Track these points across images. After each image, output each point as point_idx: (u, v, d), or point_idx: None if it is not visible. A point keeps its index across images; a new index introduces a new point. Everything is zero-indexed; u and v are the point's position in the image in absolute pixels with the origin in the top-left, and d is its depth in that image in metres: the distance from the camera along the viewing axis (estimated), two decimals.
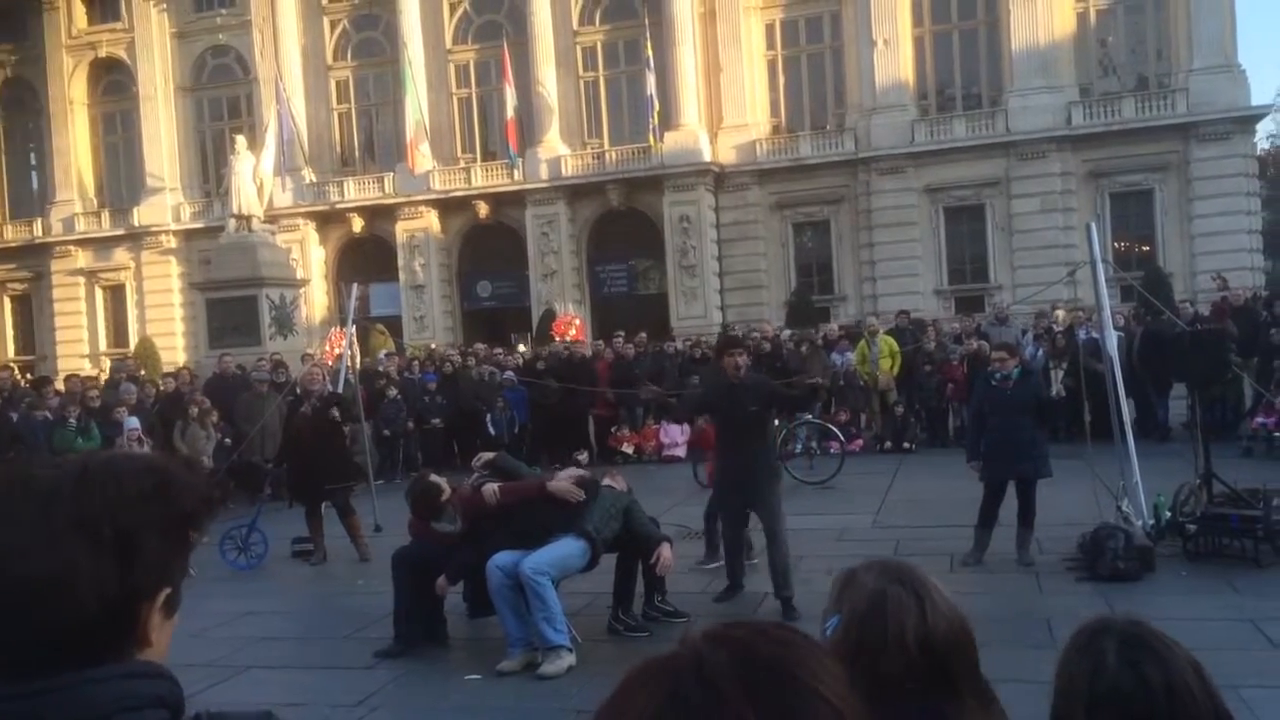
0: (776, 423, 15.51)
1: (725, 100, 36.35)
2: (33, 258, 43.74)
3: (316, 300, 38.30)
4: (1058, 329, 17.43)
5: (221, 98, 42.57)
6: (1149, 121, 32.87)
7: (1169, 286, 26.80)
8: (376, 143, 41.16)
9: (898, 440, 17.07)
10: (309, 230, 39.56)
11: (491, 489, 7.29)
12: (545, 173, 36.87)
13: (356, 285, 19.39)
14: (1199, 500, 9.08)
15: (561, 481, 7.37)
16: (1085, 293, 18.68)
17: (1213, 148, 32.39)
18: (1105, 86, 34.62)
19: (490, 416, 17.49)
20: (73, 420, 13.43)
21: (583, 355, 19.99)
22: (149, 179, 41.94)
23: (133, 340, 39.63)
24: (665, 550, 7.42)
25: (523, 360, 19.78)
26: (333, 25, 40.58)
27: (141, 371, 21.59)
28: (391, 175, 38.68)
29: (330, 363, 19.89)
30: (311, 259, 39.01)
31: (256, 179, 25.61)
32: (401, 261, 38.57)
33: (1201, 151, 32.46)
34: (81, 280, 43.19)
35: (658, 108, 34.99)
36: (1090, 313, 16.01)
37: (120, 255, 42.77)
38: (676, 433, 17.31)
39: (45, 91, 43.37)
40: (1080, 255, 25.30)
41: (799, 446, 15.17)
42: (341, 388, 13.39)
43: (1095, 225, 11.24)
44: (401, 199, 38.30)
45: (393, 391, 17.61)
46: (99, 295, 43.33)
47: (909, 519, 11.16)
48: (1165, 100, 33.12)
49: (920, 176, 34.55)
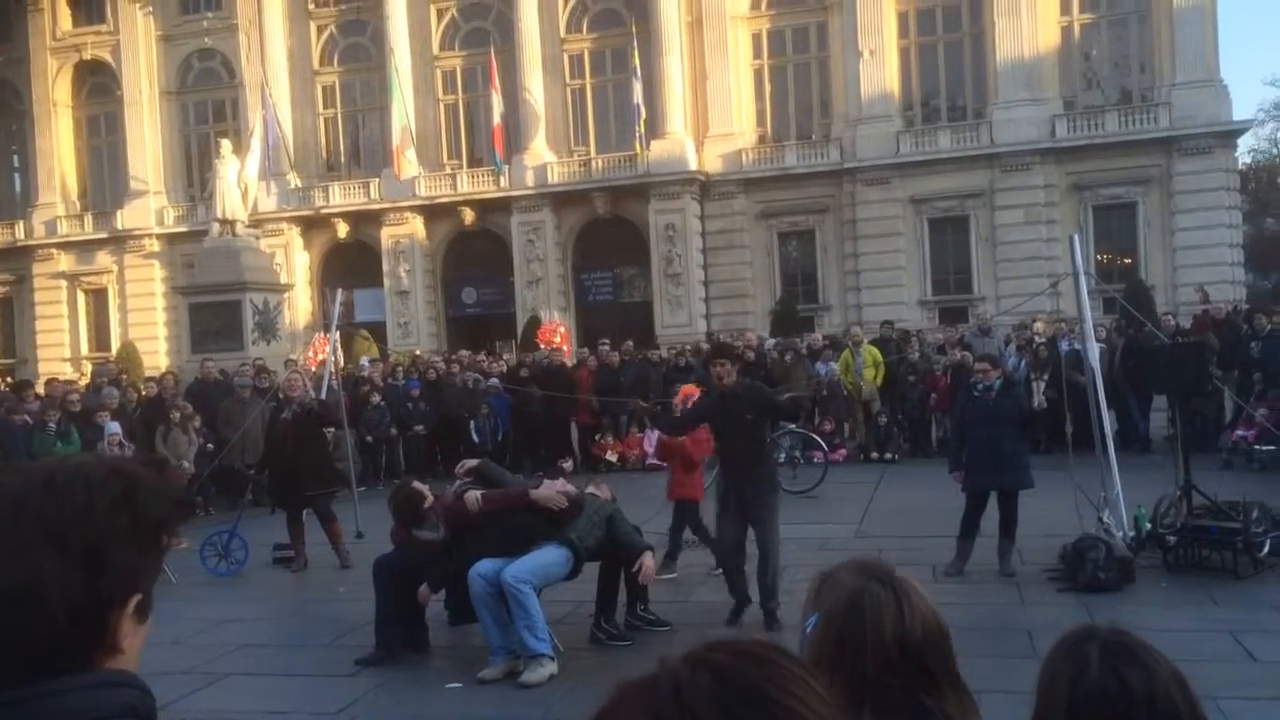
0: None
1: (711, 109, 36.44)
2: (14, 260, 43.44)
3: (300, 305, 38.15)
4: (1039, 340, 17.51)
5: (207, 101, 42.43)
6: (1132, 135, 33.12)
7: (1151, 299, 26.96)
8: (362, 148, 41.07)
9: (881, 450, 17.11)
10: (293, 235, 39.42)
11: (474, 496, 7.27)
12: (531, 180, 36.87)
13: (341, 291, 19.32)
14: (1179, 512, 9.13)
15: (545, 490, 7.35)
16: (1068, 304, 18.80)
17: (1194, 162, 32.65)
18: (1089, 100, 34.87)
19: (474, 424, 17.45)
20: (52, 425, 13.33)
21: (562, 362, 19.97)
22: (132, 182, 41.74)
23: (115, 344, 39.40)
24: (648, 559, 7.41)
25: (506, 367, 19.74)
26: (319, 30, 40.51)
27: (123, 376, 21.42)
28: (377, 181, 38.61)
29: (314, 369, 19.83)
30: (296, 264, 38.87)
31: (241, 183, 25.48)
32: (386, 267, 38.48)
33: (1183, 165, 32.72)
34: (63, 283, 42.92)
35: (644, 116, 35.05)
36: (1072, 324, 16.09)
37: (103, 259, 42.53)
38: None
39: (29, 93, 43.13)
40: (1063, 267, 25.43)
41: (783, 455, 15.15)
42: (325, 394, 13.34)
43: (1078, 237, 11.30)
44: (387, 205, 38.22)
45: (376, 398, 17.55)
46: (81, 299, 43.06)
47: (891, 529, 11.17)
48: (1148, 114, 33.38)
49: (905, 187, 34.70)
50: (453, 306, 39.53)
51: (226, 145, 25.90)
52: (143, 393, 17.09)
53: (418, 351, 27.98)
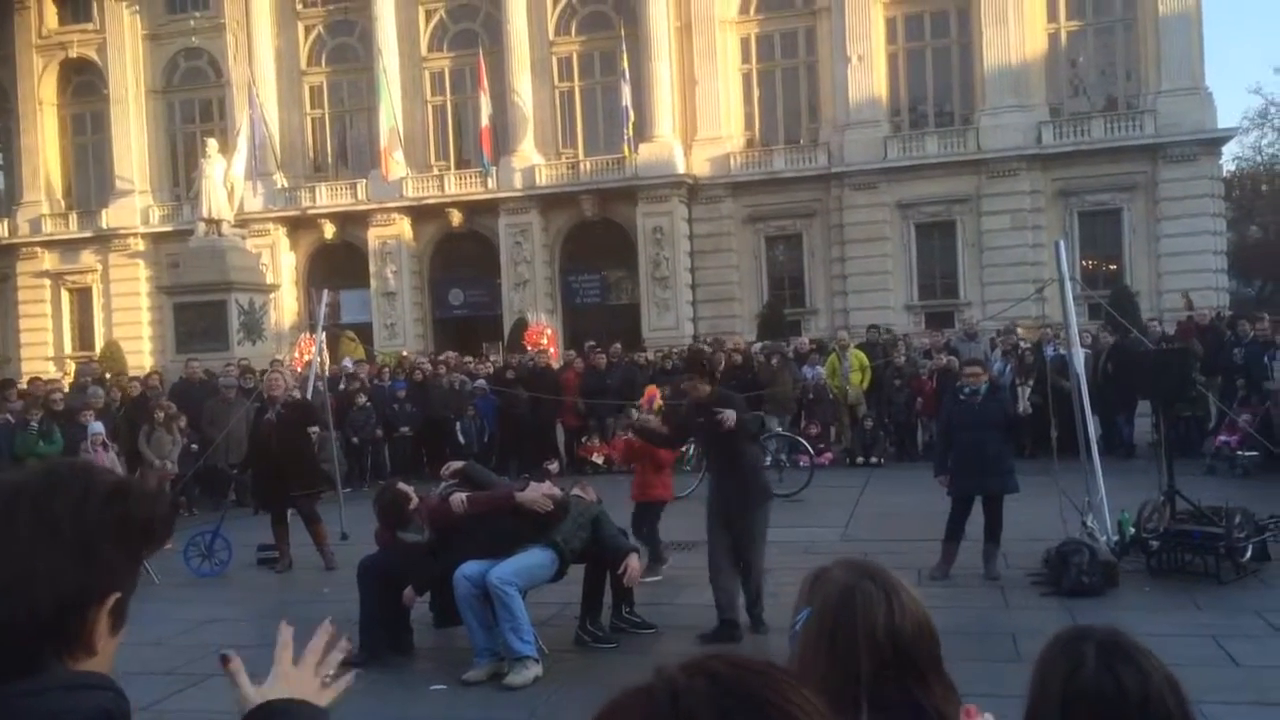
0: None
1: (700, 113, 36.49)
2: None
3: (286, 306, 38.02)
4: (1025, 345, 17.59)
5: (193, 100, 42.27)
6: (1117, 142, 33.30)
7: (1135, 305, 27.09)
8: (350, 149, 40.97)
9: (867, 454, 17.14)
10: (280, 235, 39.29)
11: (460, 498, 7.25)
12: (519, 182, 36.83)
13: (327, 291, 19.32)
14: (1162, 517, 9.16)
15: (531, 492, 7.34)
16: (1053, 310, 18.86)
17: (1180, 169, 32.84)
18: (1075, 107, 35.05)
19: (460, 425, 17.41)
20: (34, 424, 13.23)
21: (548, 364, 19.94)
22: (118, 181, 41.54)
23: (99, 344, 39.19)
24: (633, 561, 7.40)
25: (493, 369, 19.70)
26: (307, 30, 40.40)
27: (107, 375, 21.30)
28: (364, 182, 38.52)
29: (299, 369, 19.76)
30: (282, 264, 38.73)
31: (227, 183, 25.36)
32: (373, 268, 38.39)
33: (1169, 172, 32.90)
34: (47, 282, 42.68)
35: (633, 119, 35.06)
36: (1057, 330, 16.15)
37: (87, 257, 42.31)
38: None
39: (14, 91, 42.89)
40: (1049, 273, 25.57)
41: (769, 459, 15.17)
42: (310, 395, 13.29)
43: (1064, 243, 11.34)
44: (374, 205, 38.13)
45: (362, 399, 17.49)
46: (65, 298, 42.83)
47: (877, 532, 11.19)
48: (1134, 121, 33.56)
49: (892, 192, 34.80)
50: (439, 308, 39.45)
51: (213, 145, 25.79)
52: (126, 392, 16.99)
53: (404, 353, 27.91)
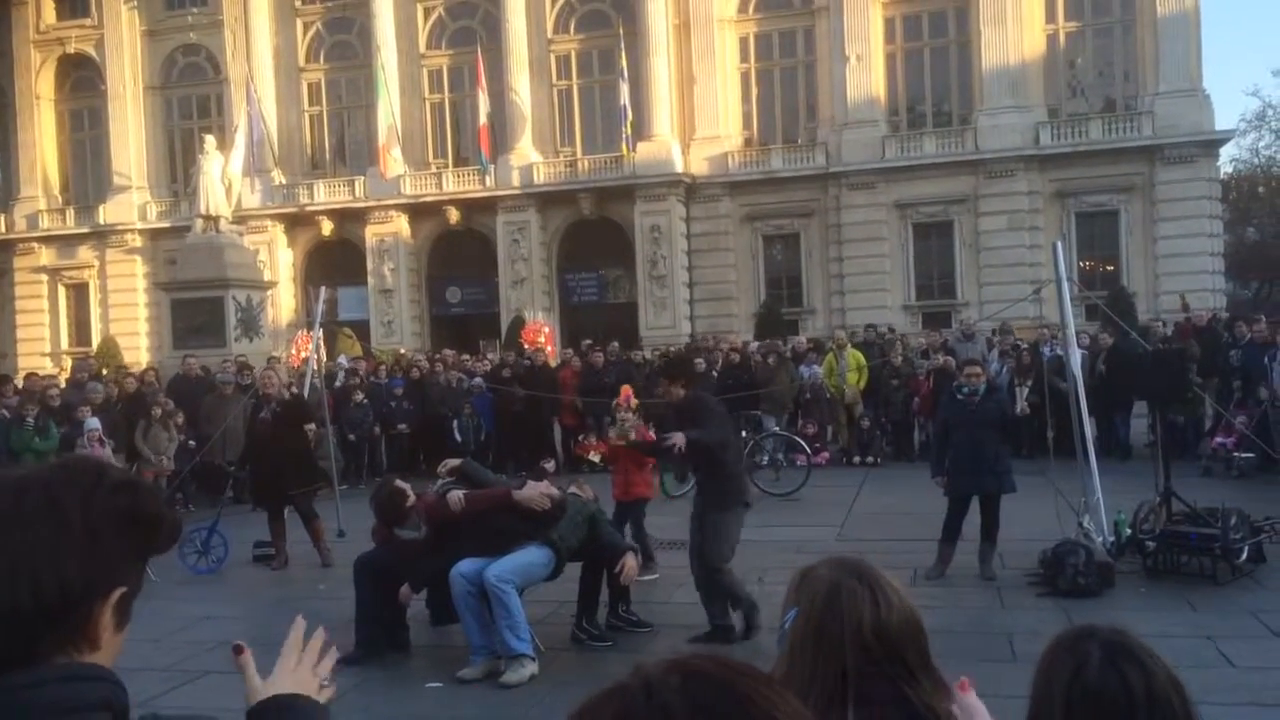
0: (744, 434, 15.64)
1: (698, 112, 36.48)
2: None
3: (284, 303, 38.01)
4: (1023, 346, 17.61)
5: (191, 97, 42.22)
6: (1115, 143, 33.33)
7: (1132, 306, 27.13)
8: (347, 146, 40.95)
9: (864, 453, 17.15)
10: (277, 232, 39.27)
11: (457, 496, 7.24)
12: (517, 180, 36.82)
13: (324, 288, 19.27)
14: (1159, 518, 9.17)
15: (529, 491, 7.33)
16: (1050, 310, 18.88)
17: (1177, 170, 32.87)
18: (1073, 108, 35.08)
19: (457, 423, 17.41)
20: (30, 420, 13.22)
21: (545, 362, 19.93)
22: (115, 177, 41.49)
23: (95, 340, 39.15)
24: (630, 560, 7.40)
25: (490, 367, 19.69)
26: (306, 27, 40.36)
27: (103, 371, 21.29)
28: (362, 179, 38.49)
29: (296, 366, 19.75)
30: (279, 261, 38.71)
31: (225, 179, 25.36)
32: (370, 266, 38.37)
33: (1166, 174, 32.94)
34: (44, 278, 42.64)
35: (631, 118, 35.05)
36: (1055, 330, 16.16)
37: (84, 253, 42.27)
38: None
39: (11, 86, 42.83)
40: (1046, 273, 25.60)
41: (766, 458, 15.20)
42: (308, 392, 13.29)
43: (1061, 244, 11.35)
44: (372, 203, 38.11)
45: (359, 396, 17.49)
46: (62, 293, 42.79)
47: (873, 532, 11.19)
48: (1131, 123, 33.59)
49: (890, 192, 34.82)
50: (437, 305, 39.44)
51: (210, 141, 25.77)
52: (123, 388, 16.97)
53: (402, 350, 27.92)
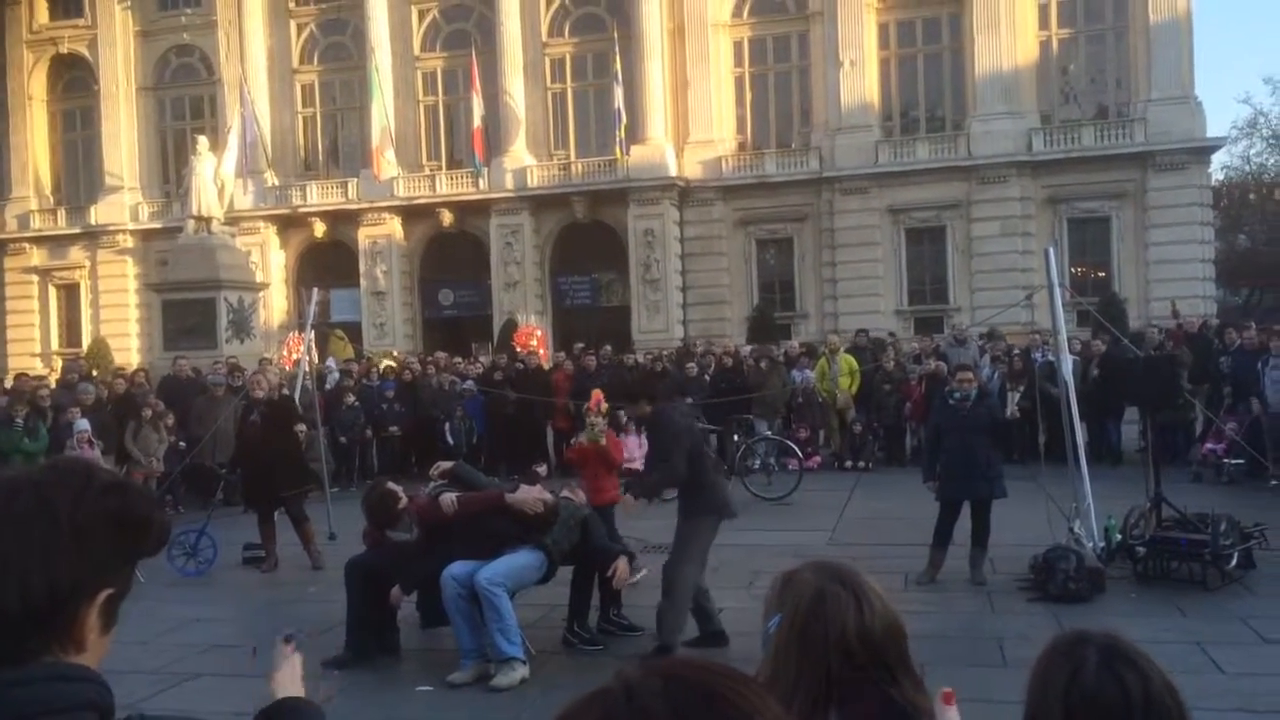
0: (736, 438, 15.65)
1: (692, 116, 36.51)
2: None
3: (276, 304, 37.91)
4: (1015, 351, 17.66)
5: (184, 98, 42.14)
6: (1107, 150, 33.43)
7: (1124, 312, 27.22)
8: (341, 148, 40.91)
9: (855, 458, 17.16)
10: (270, 234, 39.20)
11: (449, 498, 7.23)
12: (510, 183, 36.81)
13: (317, 290, 19.21)
14: (1149, 524, 9.20)
15: (522, 494, 7.32)
16: (1042, 316, 18.95)
17: (1169, 177, 32.99)
18: (1065, 114, 35.18)
19: (449, 425, 17.39)
20: (20, 420, 13.15)
21: (539, 365, 19.92)
22: (108, 178, 41.38)
23: (86, 340, 39.04)
24: (622, 564, 7.40)
25: (482, 369, 19.68)
26: (299, 28, 40.31)
27: (94, 372, 21.24)
28: (355, 181, 38.45)
29: (289, 367, 19.72)
30: (271, 263, 38.65)
31: (217, 180, 25.33)
32: (363, 268, 38.33)
33: (1158, 181, 33.05)
34: (35, 278, 42.51)
35: (625, 121, 35.08)
36: (1046, 336, 16.20)
37: (76, 254, 42.14)
38: (635, 446, 17.27)
39: (4, 86, 42.70)
40: (1038, 279, 25.63)
41: (757, 462, 15.21)
42: (299, 394, 13.26)
43: (1053, 250, 11.39)
44: (365, 205, 38.07)
45: (350, 398, 17.46)
46: (53, 294, 42.66)
47: (865, 537, 11.20)
48: (1124, 129, 33.71)
49: (883, 197, 34.88)
50: (429, 308, 39.41)
51: (203, 142, 25.73)
52: (113, 389, 16.92)
53: (395, 352, 27.89)
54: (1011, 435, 13.84)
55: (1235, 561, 8.67)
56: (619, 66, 35.05)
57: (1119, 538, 9.24)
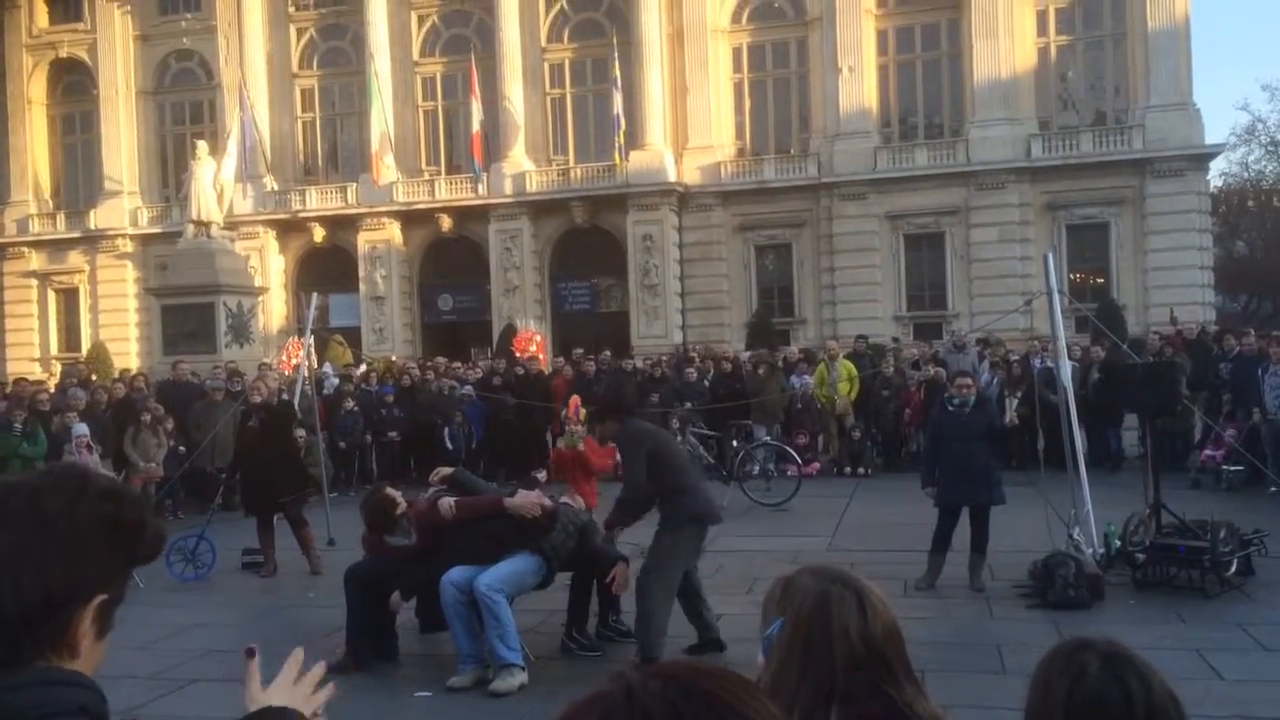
0: (735, 444, 15.65)
1: (691, 121, 36.54)
2: None
3: (275, 309, 37.89)
4: (1014, 357, 17.66)
5: (184, 102, 42.15)
6: (1106, 156, 33.46)
7: (1122, 318, 27.23)
8: (340, 152, 40.91)
9: (854, 464, 17.16)
10: (269, 238, 39.19)
11: (448, 503, 7.23)
12: (509, 188, 36.83)
13: (316, 295, 19.23)
14: (1148, 530, 9.20)
15: (520, 499, 7.32)
16: (1041, 322, 18.95)
17: (1167, 184, 33.01)
18: (1064, 120, 35.21)
19: (448, 431, 17.38)
20: (18, 425, 13.13)
21: (539, 371, 19.92)
22: (107, 182, 41.37)
23: (85, 345, 39.01)
24: (621, 570, 7.39)
25: (481, 374, 19.67)
26: (299, 33, 40.34)
27: (93, 376, 21.22)
28: (354, 185, 38.45)
29: (288, 372, 19.71)
30: (271, 267, 38.63)
31: (217, 185, 25.31)
32: (362, 272, 38.32)
33: (1156, 187, 33.08)
34: (34, 283, 42.47)
35: (624, 127, 35.10)
36: (1045, 342, 16.21)
37: (75, 258, 42.11)
38: None
39: (3, 90, 42.68)
40: (1036, 285, 25.63)
41: (756, 468, 15.21)
42: (299, 399, 13.25)
43: (1052, 256, 11.40)
44: (364, 210, 38.07)
45: (349, 403, 17.44)
46: (52, 298, 42.62)
47: (864, 543, 11.20)
48: (1122, 136, 33.74)
49: (881, 203, 34.90)
50: (429, 313, 39.40)
51: (203, 147, 25.73)
52: (111, 393, 16.89)
53: (393, 357, 27.87)
54: (1010, 441, 13.86)
55: (1234, 568, 8.68)
56: (618, 72, 35.08)
57: (1118, 544, 9.24)
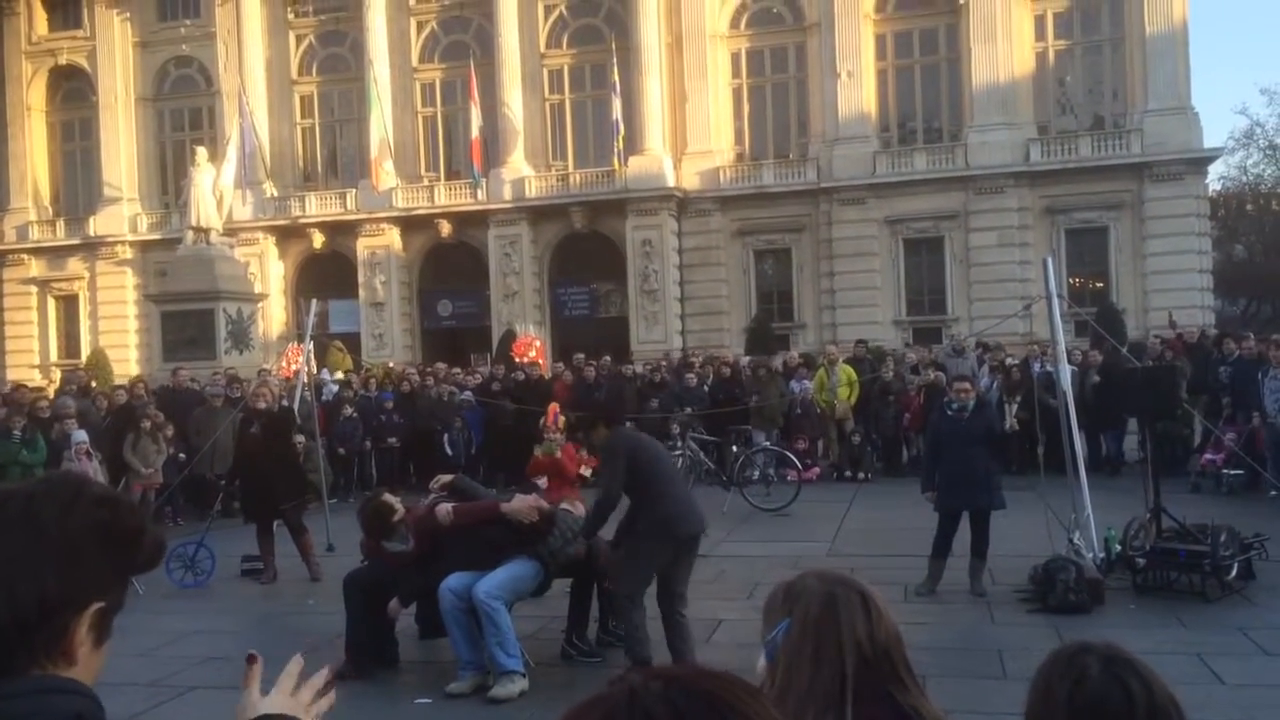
0: (735, 449, 15.65)
1: (690, 126, 36.58)
2: None
3: (274, 315, 37.90)
4: (1013, 362, 17.66)
5: (183, 109, 42.19)
6: (1104, 160, 33.50)
7: (1122, 322, 27.24)
8: (340, 158, 40.95)
9: (854, 469, 17.15)
10: (269, 245, 39.22)
11: (445, 509, 7.22)
12: (509, 193, 36.85)
13: (315, 301, 19.26)
14: (1148, 534, 9.19)
15: (517, 503, 7.31)
16: (1040, 326, 18.96)
17: (1166, 188, 33.04)
18: (1062, 125, 35.27)
19: (447, 436, 17.37)
20: (17, 432, 13.11)
21: (540, 376, 19.91)
22: (106, 189, 41.40)
23: (85, 351, 39.01)
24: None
25: (480, 380, 19.66)
26: (298, 40, 40.40)
27: (93, 383, 21.21)
28: (354, 191, 38.48)
29: (288, 378, 19.70)
30: (270, 274, 38.65)
31: (216, 191, 25.36)
32: (362, 278, 38.33)
33: (1155, 191, 33.11)
34: (34, 289, 42.50)
35: (623, 132, 35.15)
36: (1044, 346, 16.22)
37: (74, 265, 42.14)
38: None
39: (2, 97, 42.72)
40: (1036, 289, 25.66)
41: (756, 473, 15.20)
42: (298, 405, 13.25)
43: (1051, 260, 11.41)
44: (363, 215, 38.09)
45: (349, 409, 17.43)
46: (51, 305, 42.64)
47: (864, 548, 11.19)
48: (1120, 140, 33.78)
49: (880, 208, 34.93)
50: (428, 319, 39.41)
51: (202, 153, 25.77)
52: (111, 400, 16.87)
53: (390, 364, 27.88)
54: (1010, 446, 13.84)
55: (1235, 572, 8.67)
56: (617, 77, 35.13)
57: (1118, 549, 9.23)
